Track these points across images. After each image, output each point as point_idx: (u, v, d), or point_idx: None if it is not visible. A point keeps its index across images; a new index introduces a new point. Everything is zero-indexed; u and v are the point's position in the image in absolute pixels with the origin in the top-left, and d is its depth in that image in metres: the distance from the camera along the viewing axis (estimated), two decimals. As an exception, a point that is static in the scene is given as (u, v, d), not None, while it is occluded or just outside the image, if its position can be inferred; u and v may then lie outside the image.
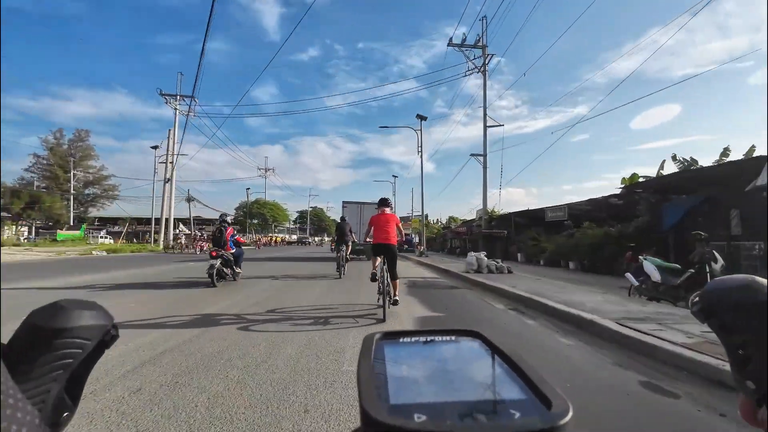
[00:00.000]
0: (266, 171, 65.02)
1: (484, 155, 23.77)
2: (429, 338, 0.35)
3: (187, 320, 4.62)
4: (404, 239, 8.24)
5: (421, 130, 19.87)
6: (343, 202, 18.10)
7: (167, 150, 29.54)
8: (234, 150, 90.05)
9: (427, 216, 34.43)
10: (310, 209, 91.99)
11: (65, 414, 0.31)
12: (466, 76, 25.34)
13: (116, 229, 49.74)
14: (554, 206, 16.30)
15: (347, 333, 4.08)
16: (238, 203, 64.23)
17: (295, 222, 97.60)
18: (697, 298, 0.38)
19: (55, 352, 0.30)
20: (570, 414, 0.23)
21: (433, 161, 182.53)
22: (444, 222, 49.62)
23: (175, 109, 29.66)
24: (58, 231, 37.29)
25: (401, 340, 0.35)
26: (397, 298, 5.35)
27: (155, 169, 33.93)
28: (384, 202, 5.99)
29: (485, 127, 23.88)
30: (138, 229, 51.88)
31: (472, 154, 24.21)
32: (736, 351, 0.35)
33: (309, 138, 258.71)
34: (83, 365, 0.32)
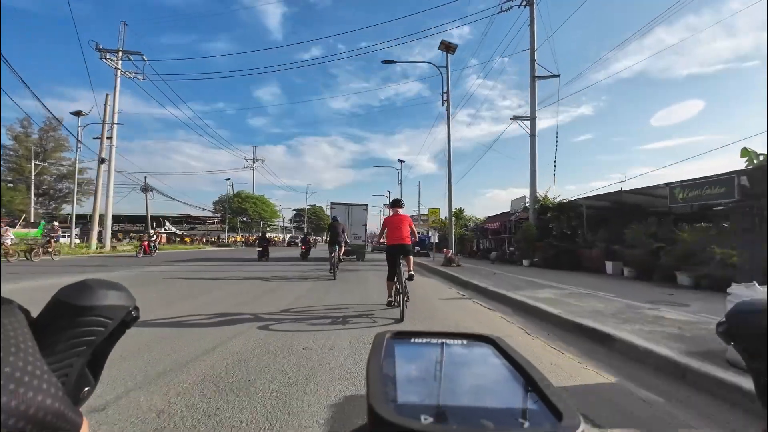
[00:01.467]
0: (254, 162, 55.41)
1: (532, 118, 16.59)
2: (441, 340, 0.35)
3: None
4: (417, 239, 6.58)
5: (447, 66, 13.65)
6: (331, 203, 18.70)
7: (103, 120, 22.45)
8: (208, 133, 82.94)
9: (461, 210, 26.31)
10: (309, 207, 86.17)
11: (86, 389, 0.33)
12: (502, 11, 18.16)
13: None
14: (697, 180, 8.43)
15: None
16: (219, 197, 55.40)
17: (291, 221, 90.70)
18: (723, 319, 0.37)
19: (79, 328, 0.31)
20: (581, 428, 0.22)
21: (436, 161, 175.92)
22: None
23: (116, 68, 22.68)
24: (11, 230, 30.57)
25: (413, 340, 0.35)
26: (412, 272, 5.34)
27: (78, 144, 23.56)
28: (397, 203, 5.76)
29: (533, 78, 16.71)
30: (128, 228, 48.30)
31: (514, 117, 17.03)
32: (761, 376, 0.33)
33: (311, 138, 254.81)
34: (105, 343, 0.33)
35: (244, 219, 51.29)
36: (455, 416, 0.23)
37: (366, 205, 17.91)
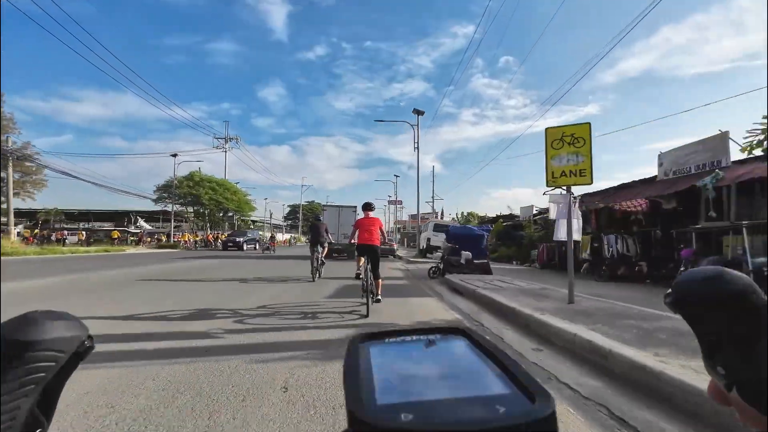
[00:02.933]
0: (226, 141, 41.92)
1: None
2: (414, 337, 0.35)
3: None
4: (386, 240, 8.65)
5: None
6: (323, 206, 21.46)
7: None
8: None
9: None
10: (305, 203, 78.88)
11: (38, 431, 0.30)
12: None
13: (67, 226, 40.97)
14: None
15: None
16: (166, 180, 37.93)
17: (286, 218, 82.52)
18: (669, 290, 0.39)
19: (26, 365, 0.28)
20: (553, 407, 0.23)
21: (441, 161, 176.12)
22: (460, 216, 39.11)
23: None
24: None
25: (386, 340, 0.35)
26: (379, 297, 5.72)
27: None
28: (368, 206, 6.32)
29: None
30: (101, 228, 43.10)
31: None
32: (708, 340, 0.36)
33: (315, 138, 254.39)
34: (57, 379, 0.31)
35: (200, 210, 38.43)
36: (434, 410, 0.23)
37: (355, 207, 19.57)
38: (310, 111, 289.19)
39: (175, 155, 36.18)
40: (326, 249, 9.79)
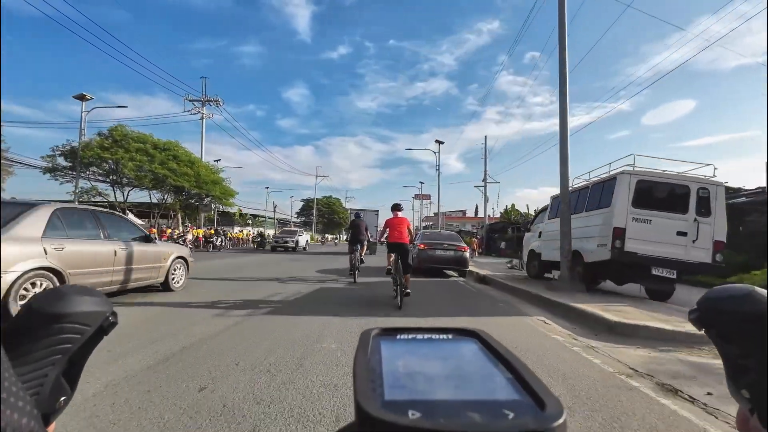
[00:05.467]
0: (203, 104, 30.49)
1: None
2: (426, 336, 0.35)
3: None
4: (414, 238, 7.43)
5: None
6: (350, 210, 23.48)
7: None
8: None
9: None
10: (322, 198, 69.13)
11: (62, 398, 0.32)
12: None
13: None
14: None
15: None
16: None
17: (299, 214, 71.61)
18: (695, 306, 0.38)
19: (54, 336, 0.30)
20: (564, 417, 0.22)
21: (463, 160, 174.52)
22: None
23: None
24: None
25: (398, 336, 0.35)
26: (408, 290, 5.90)
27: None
28: (397, 207, 6.83)
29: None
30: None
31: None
32: (734, 360, 0.35)
33: (339, 139, 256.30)
34: (81, 351, 0.32)
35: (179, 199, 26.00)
36: (442, 410, 0.23)
37: (377, 210, 25.12)
38: (333, 111, 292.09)
39: (82, 97, 21.20)
40: (365, 248, 9.74)
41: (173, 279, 6.55)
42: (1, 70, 14.68)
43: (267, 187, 54.57)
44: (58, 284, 4.24)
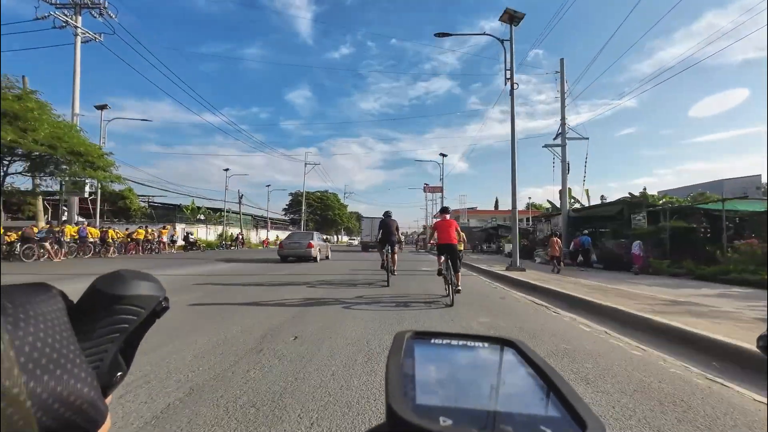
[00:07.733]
0: (76, 10, 19.31)
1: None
2: (461, 342, 0.34)
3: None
4: (464, 239, 7.44)
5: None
6: (360, 216, 16.24)
7: None
8: None
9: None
10: (315, 192, 59.52)
11: (119, 374, 0.34)
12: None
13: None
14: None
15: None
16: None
17: (286, 210, 60.87)
18: (765, 333, 0.37)
19: (114, 316, 0.32)
20: None
21: (468, 160, 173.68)
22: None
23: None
24: None
25: (432, 341, 0.34)
26: (459, 287, 6.17)
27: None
28: (445, 210, 7.43)
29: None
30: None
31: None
32: None
33: (342, 140, 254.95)
34: (137, 331, 0.34)
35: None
36: (475, 420, 0.22)
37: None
38: (336, 112, 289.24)
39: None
40: (396, 250, 8.83)
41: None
42: (1, 70, 13.90)
43: (268, 185, 48.32)
44: None
